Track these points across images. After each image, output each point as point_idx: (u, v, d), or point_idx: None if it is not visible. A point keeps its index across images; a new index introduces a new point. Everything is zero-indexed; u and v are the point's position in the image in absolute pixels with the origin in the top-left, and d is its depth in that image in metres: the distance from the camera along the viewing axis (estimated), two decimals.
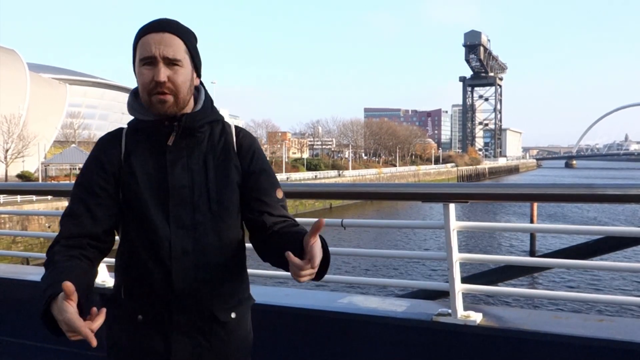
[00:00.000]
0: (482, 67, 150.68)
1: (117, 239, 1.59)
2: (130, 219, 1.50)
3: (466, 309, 2.52)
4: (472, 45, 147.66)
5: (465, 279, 2.70)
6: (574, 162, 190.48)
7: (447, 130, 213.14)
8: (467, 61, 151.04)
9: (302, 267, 1.25)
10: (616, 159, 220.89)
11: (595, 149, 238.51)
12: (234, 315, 1.55)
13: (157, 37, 1.44)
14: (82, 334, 1.16)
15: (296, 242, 1.37)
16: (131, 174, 1.49)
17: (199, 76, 1.56)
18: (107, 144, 1.55)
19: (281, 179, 52.40)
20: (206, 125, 1.54)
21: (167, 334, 1.49)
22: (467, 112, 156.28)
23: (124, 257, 1.54)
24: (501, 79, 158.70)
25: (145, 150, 1.51)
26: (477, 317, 2.45)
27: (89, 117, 60.04)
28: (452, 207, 2.49)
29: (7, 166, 42.54)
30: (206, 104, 1.55)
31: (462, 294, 2.53)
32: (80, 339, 1.18)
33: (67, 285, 1.16)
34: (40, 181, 37.58)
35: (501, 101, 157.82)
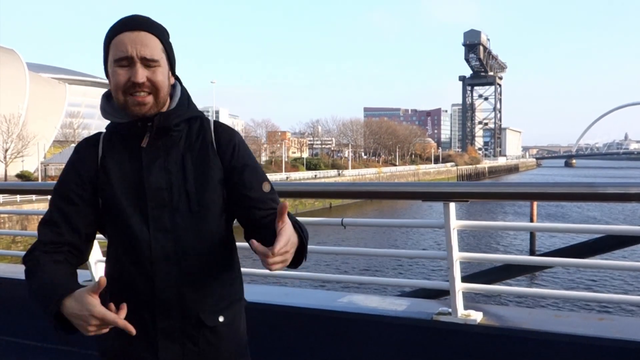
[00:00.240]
0: (481, 67, 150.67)
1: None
2: (111, 225, 1.47)
3: (466, 308, 2.52)
4: (472, 44, 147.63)
5: (465, 278, 2.70)
6: (574, 161, 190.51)
7: (447, 129, 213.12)
8: (467, 60, 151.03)
9: (266, 254, 1.20)
10: (616, 158, 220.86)
11: (594, 148, 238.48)
12: (222, 319, 1.50)
13: (132, 36, 1.38)
14: (119, 324, 1.21)
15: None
16: (107, 179, 1.45)
17: (174, 74, 1.52)
18: (84, 150, 1.51)
19: (281, 178, 52.52)
20: (182, 123, 1.49)
21: (153, 341, 1.45)
22: (466, 111, 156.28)
23: (109, 263, 1.52)
24: (501, 78, 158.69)
25: (121, 153, 1.47)
26: (477, 316, 2.45)
27: (88, 117, 59.90)
28: (452, 206, 2.49)
29: (6, 166, 42.55)
30: (182, 102, 1.50)
31: (463, 293, 2.53)
32: (100, 332, 1.22)
33: (103, 279, 1.19)
34: (39, 181, 37.57)
35: (501, 100, 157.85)
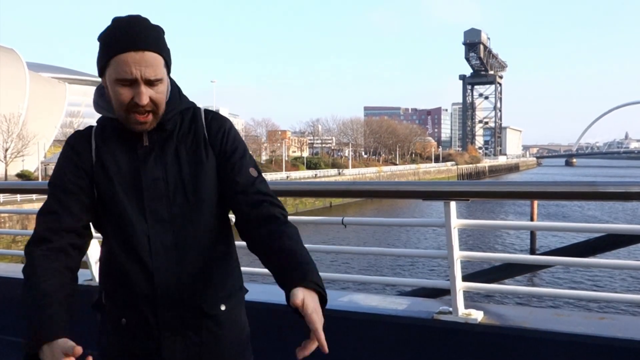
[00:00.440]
0: (482, 65, 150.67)
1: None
2: (106, 219, 1.47)
3: (467, 307, 2.52)
4: (472, 43, 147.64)
5: (466, 277, 2.70)
6: (574, 160, 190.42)
7: (447, 128, 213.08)
8: (467, 59, 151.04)
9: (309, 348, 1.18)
10: (616, 157, 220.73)
11: (595, 147, 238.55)
12: (223, 307, 1.51)
13: (136, 57, 1.35)
14: None
15: (280, 270, 1.32)
16: (103, 172, 1.46)
17: (169, 76, 1.52)
18: (77, 143, 1.51)
19: (281, 177, 52.47)
20: (175, 115, 1.50)
21: (155, 334, 1.44)
22: (467, 110, 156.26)
23: (104, 261, 1.52)
24: (501, 77, 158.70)
25: (115, 146, 1.48)
26: (478, 315, 2.44)
27: (88, 116, 59.82)
28: (453, 205, 2.48)
29: (6, 165, 42.56)
30: (173, 95, 1.51)
31: (463, 292, 2.53)
32: None
33: (78, 349, 1.17)
34: (40, 180, 37.58)
35: (501, 99, 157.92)
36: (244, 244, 1.52)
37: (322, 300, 1.25)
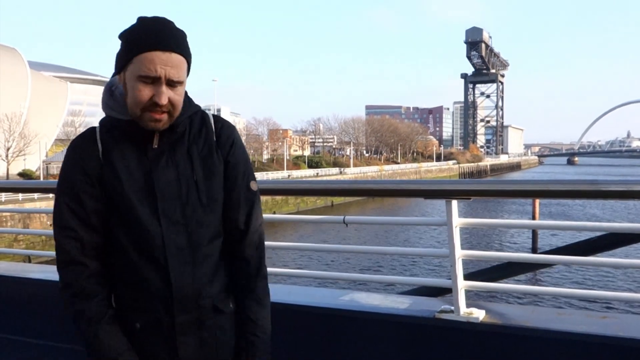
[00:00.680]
0: (483, 64, 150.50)
1: None
2: (117, 222, 1.45)
3: (469, 306, 2.51)
4: (474, 42, 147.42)
5: (467, 276, 2.69)
6: (576, 159, 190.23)
7: (449, 127, 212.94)
8: (469, 58, 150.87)
9: None
10: (618, 156, 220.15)
11: (597, 146, 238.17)
12: (232, 306, 1.54)
13: (163, 57, 1.36)
14: None
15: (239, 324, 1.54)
16: (114, 174, 1.44)
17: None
18: (83, 147, 1.48)
19: (282, 176, 52.50)
20: (186, 118, 1.51)
21: (171, 336, 1.44)
22: (468, 109, 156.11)
23: (115, 264, 1.48)
24: (503, 76, 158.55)
25: (125, 148, 1.46)
26: (479, 314, 2.44)
27: (90, 115, 59.80)
28: (455, 203, 2.48)
29: (8, 164, 42.61)
30: (184, 99, 1.50)
31: (465, 290, 2.52)
32: None
33: None
34: (41, 179, 37.64)
35: (503, 98, 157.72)
36: None
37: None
